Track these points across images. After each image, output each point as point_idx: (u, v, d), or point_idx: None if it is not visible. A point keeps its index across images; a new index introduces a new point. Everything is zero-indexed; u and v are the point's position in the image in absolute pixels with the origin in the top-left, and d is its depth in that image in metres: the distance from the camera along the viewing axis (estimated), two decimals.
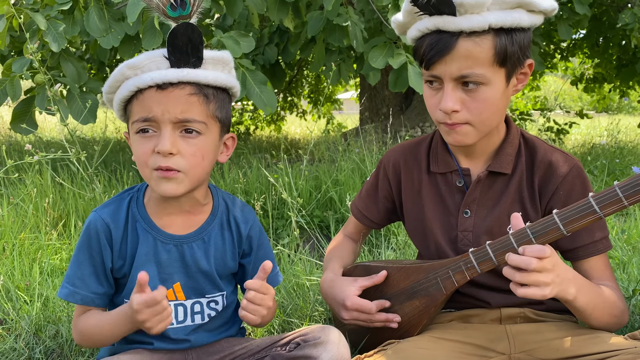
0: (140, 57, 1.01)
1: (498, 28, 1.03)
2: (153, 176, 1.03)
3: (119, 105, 1.07)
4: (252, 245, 1.19)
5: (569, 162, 1.16)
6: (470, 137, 1.12)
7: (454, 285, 1.13)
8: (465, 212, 1.20)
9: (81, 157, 2.21)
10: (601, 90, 8.07)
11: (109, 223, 1.09)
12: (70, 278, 1.09)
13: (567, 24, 4.24)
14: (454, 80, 1.07)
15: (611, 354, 0.99)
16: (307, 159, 2.94)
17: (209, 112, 1.05)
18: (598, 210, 0.94)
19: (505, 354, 1.11)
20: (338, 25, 3.25)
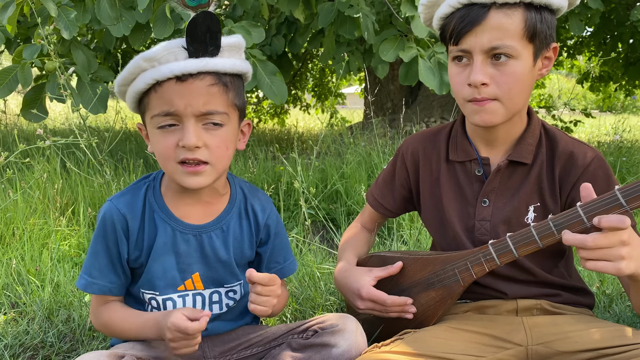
0: (157, 49, 0.97)
1: (528, 3, 1.05)
2: (178, 170, 1.02)
3: (133, 97, 1.03)
4: (270, 234, 1.18)
5: (591, 153, 1.15)
6: (498, 115, 1.10)
7: (472, 277, 1.12)
8: (483, 201, 1.20)
9: (92, 143, 2.20)
10: (607, 89, 8.04)
11: (125, 214, 1.08)
12: (87, 269, 1.09)
13: (578, 19, 4.22)
14: (484, 53, 1.06)
15: (631, 347, 0.98)
16: (317, 151, 2.93)
17: (229, 101, 1.03)
18: (624, 204, 0.92)
19: (522, 346, 1.10)
20: (349, 16, 3.23)
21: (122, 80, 1.03)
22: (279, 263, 1.20)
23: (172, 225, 1.09)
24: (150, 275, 1.09)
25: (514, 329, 1.13)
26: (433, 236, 1.31)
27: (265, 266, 1.19)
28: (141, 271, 1.11)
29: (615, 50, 6.35)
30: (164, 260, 1.09)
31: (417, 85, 6.28)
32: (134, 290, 1.13)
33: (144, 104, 1.03)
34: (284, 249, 1.22)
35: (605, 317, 1.54)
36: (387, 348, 1.05)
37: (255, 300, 1.03)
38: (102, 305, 1.11)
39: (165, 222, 1.09)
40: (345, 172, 3.24)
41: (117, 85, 1.05)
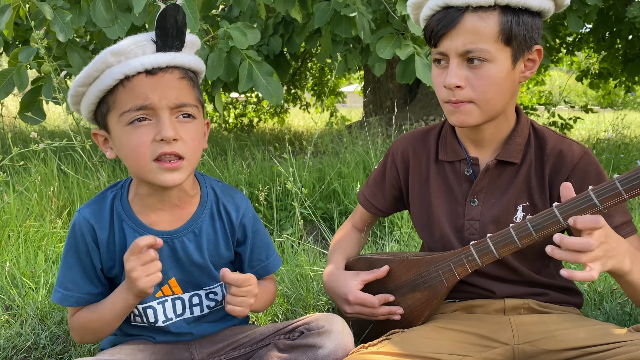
0: (124, 43, 0.94)
1: (504, 5, 1.05)
2: (153, 168, 0.98)
3: (95, 97, 0.99)
4: (247, 233, 1.16)
5: (579, 150, 1.16)
6: (473, 116, 1.11)
7: (455, 277, 1.13)
8: (472, 201, 1.20)
9: (86, 146, 2.21)
10: (606, 85, 8.03)
11: (93, 223, 1.06)
12: (62, 282, 1.07)
13: (576, 16, 4.21)
14: (459, 56, 1.07)
15: (615, 345, 0.99)
16: (311, 151, 2.94)
17: (196, 95, 1.03)
18: (598, 204, 0.93)
19: (508, 345, 1.11)
20: (345, 16, 3.24)
21: (84, 80, 0.98)
22: (261, 261, 1.20)
23: (141, 233, 1.06)
24: None
25: (501, 328, 1.13)
26: (421, 235, 1.31)
27: (248, 265, 1.19)
28: (118, 281, 1.09)
29: (614, 46, 6.34)
30: None
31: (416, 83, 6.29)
32: None
33: (107, 103, 0.99)
34: (265, 246, 1.21)
35: (596, 315, 1.55)
36: (374, 348, 1.06)
37: (230, 301, 1.03)
38: (76, 312, 1.10)
39: (135, 231, 1.07)
40: (343, 172, 3.25)
41: (76, 86, 1.00)
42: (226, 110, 8.09)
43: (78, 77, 0.98)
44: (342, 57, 3.94)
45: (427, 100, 5.97)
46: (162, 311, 1.11)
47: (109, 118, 1.00)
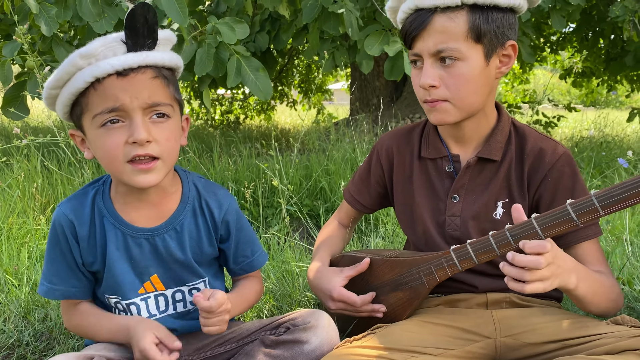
0: (94, 45, 0.94)
1: (472, 4, 1.07)
2: (127, 170, 0.98)
3: (67, 100, 0.98)
4: (230, 229, 1.16)
5: (558, 150, 1.18)
6: (450, 114, 1.13)
7: (435, 280, 1.15)
8: (453, 197, 1.22)
9: (70, 142, 2.19)
10: (589, 84, 8.13)
11: (72, 219, 1.06)
12: (46, 275, 1.08)
13: (560, 15, 4.26)
14: (432, 56, 1.10)
15: (593, 337, 1.01)
16: (297, 148, 2.94)
17: (171, 94, 1.01)
18: (575, 219, 0.94)
19: (491, 338, 1.13)
20: (333, 12, 3.25)
21: (55, 82, 0.97)
22: (246, 257, 1.20)
23: (122, 230, 1.07)
24: (110, 281, 1.09)
25: (483, 322, 1.15)
26: (404, 231, 1.33)
27: (233, 261, 1.19)
28: (100, 277, 1.10)
29: (597, 46, 6.42)
30: (119, 265, 1.08)
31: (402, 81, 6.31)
32: (99, 294, 1.13)
33: (80, 105, 0.98)
34: (250, 242, 1.21)
35: (576, 310, 1.57)
36: (359, 343, 1.07)
37: (206, 324, 1.04)
38: (72, 308, 1.12)
39: (115, 227, 1.07)
40: (330, 169, 3.26)
41: (48, 88, 0.99)
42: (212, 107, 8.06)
43: (49, 80, 0.97)
44: (330, 54, 3.95)
45: (413, 98, 5.99)
46: (145, 308, 1.11)
47: (83, 120, 0.99)
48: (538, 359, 1.07)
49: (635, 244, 2.08)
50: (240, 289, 1.21)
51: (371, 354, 1.02)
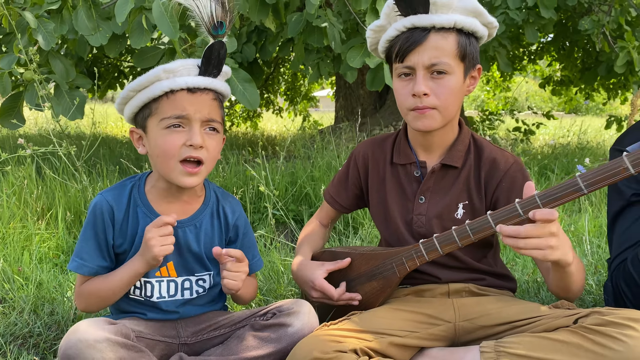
0: (175, 63, 1.19)
1: (459, 28, 1.27)
2: (177, 169, 1.20)
3: (140, 102, 1.21)
4: (238, 234, 1.37)
5: (509, 160, 1.38)
6: (436, 121, 1.30)
7: (406, 270, 1.32)
8: (420, 198, 1.39)
9: (71, 151, 2.34)
10: (568, 92, 8.39)
11: (112, 205, 1.26)
12: (78, 252, 1.25)
13: (533, 28, 4.47)
14: (425, 68, 1.27)
15: (536, 319, 1.19)
16: (283, 156, 3.09)
17: (221, 114, 1.26)
18: (522, 214, 1.13)
19: (451, 322, 1.29)
20: (317, 26, 3.41)
21: (136, 86, 1.21)
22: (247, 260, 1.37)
23: (152, 218, 1.25)
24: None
25: (444, 308, 1.32)
26: (378, 228, 1.50)
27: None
28: (124, 257, 1.27)
29: (573, 55, 6.67)
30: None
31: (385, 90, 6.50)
32: None
33: (150, 109, 1.21)
34: (252, 247, 1.41)
35: (533, 300, 1.75)
36: (336, 326, 1.23)
37: (227, 276, 1.22)
38: (84, 282, 1.27)
39: (147, 216, 1.27)
40: (314, 175, 3.42)
41: (128, 90, 1.22)
42: None
43: (132, 83, 1.21)
44: (315, 65, 4.11)
45: (395, 106, 6.17)
46: (157, 289, 1.28)
47: (150, 120, 1.22)
48: (490, 339, 1.23)
49: (595, 243, 2.27)
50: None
51: (344, 334, 1.18)
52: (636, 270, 1.26)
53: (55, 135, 2.66)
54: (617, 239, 1.35)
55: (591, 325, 1.05)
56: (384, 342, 1.20)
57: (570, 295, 1.27)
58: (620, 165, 1.06)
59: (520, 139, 6.41)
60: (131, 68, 6.36)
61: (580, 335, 1.05)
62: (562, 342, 1.06)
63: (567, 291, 1.25)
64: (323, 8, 3.47)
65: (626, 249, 1.32)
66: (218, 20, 1.19)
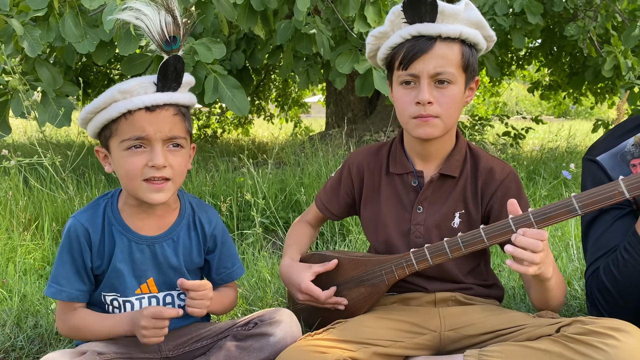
0: (130, 83, 1.16)
1: (463, 39, 1.27)
2: (142, 187, 1.18)
3: (100, 124, 1.19)
4: (217, 243, 1.36)
5: (506, 170, 1.39)
6: (438, 129, 1.31)
7: (395, 278, 1.33)
8: (418, 208, 1.39)
9: (56, 162, 2.32)
10: (556, 97, 8.46)
11: (87, 227, 1.24)
12: (55, 278, 1.23)
13: (520, 34, 4.51)
14: (430, 77, 1.27)
15: (519, 327, 1.19)
16: (272, 163, 3.09)
17: (186, 128, 1.23)
18: (514, 230, 1.16)
19: (436, 332, 1.29)
20: (306, 33, 3.42)
21: (93, 109, 1.18)
22: (227, 268, 1.39)
23: (128, 237, 1.25)
24: (111, 280, 1.26)
25: (430, 317, 1.32)
26: (369, 237, 1.50)
27: (215, 271, 1.37)
28: (101, 278, 1.26)
29: (561, 60, 6.74)
30: (122, 267, 1.25)
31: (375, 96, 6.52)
32: (95, 294, 1.28)
33: (110, 129, 1.19)
34: (231, 256, 1.40)
35: (519, 307, 1.76)
36: (319, 336, 1.23)
37: (190, 304, 1.22)
38: (69, 311, 1.26)
39: (122, 234, 1.25)
40: (304, 182, 3.41)
41: (85, 112, 1.20)
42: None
43: (88, 106, 1.19)
44: (304, 72, 4.12)
45: (386, 112, 6.20)
46: (139, 306, 1.27)
47: (111, 141, 1.20)
48: (475, 348, 1.23)
49: (581, 248, 2.27)
50: (219, 293, 1.38)
51: (328, 344, 1.18)
52: (608, 279, 1.27)
53: (42, 145, 2.64)
54: (591, 248, 1.36)
55: (573, 334, 1.06)
56: (368, 352, 1.20)
57: (551, 307, 1.29)
58: (615, 189, 1.08)
59: (509, 144, 6.45)
60: (121, 76, 6.34)
61: (562, 344, 1.05)
62: (544, 350, 1.07)
63: (547, 305, 1.28)
64: (311, 15, 3.48)
65: (599, 257, 1.33)
66: (170, 35, 1.15)
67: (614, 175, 1.33)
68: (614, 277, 1.26)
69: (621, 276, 1.25)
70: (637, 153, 1.33)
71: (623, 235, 1.30)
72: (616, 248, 1.29)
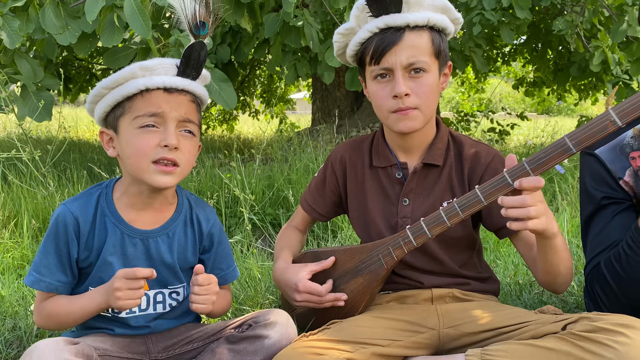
0: (153, 61, 1.14)
1: (432, 25, 1.24)
2: (150, 168, 1.13)
3: (113, 100, 1.15)
4: (213, 242, 1.30)
5: (491, 153, 1.35)
6: (418, 121, 1.27)
7: (393, 260, 1.27)
8: (404, 200, 1.35)
9: (35, 156, 2.23)
10: (541, 93, 8.51)
11: (77, 216, 1.17)
12: (37, 266, 1.17)
13: (508, 28, 4.50)
14: (404, 68, 1.23)
15: (522, 325, 1.15)
16: (259, 159, 3.03)
17: (198, 117, 1.20)
18: (511, 182, 1.10)
19: (435, 330, 1.25)
20: (294, 26, 3.36)
21: (109, 84, 1.15)
22: (222, 270, 1.32)
23: (121, 229, 1.19)
24: (99, 274, 1.19)
25: (428, 315, 1.28)
26: (359, 235, 1.45)
27: (209, 272, 1.28)
28: (89, 271, 1.19)
29: (546, 57, 6.76)
30: (112, 260, 1.18)
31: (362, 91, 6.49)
32: (82, 288, 1.21)
33: (123, 107, 1.15)
34: (227, 257, 1.34)
35: (515, 303, 1.73)
36: (315, 337, 1.17)
37: (195, 300, 1.15)
38: (45, 300, 1.19)
39: (115, 226, 1.19)
40: (292, 178, 3.36)
41: (100, 87, 1.16)
42: None
43: (104, 81, 1.15)
44: (292, 66, 4.06)
45: (372, 108, 6.17)
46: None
47: (122, 120, 1.16)
48: (476, 346, 1.19)
49: (574, 242, 2.26)
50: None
51: (324, 345, 1.12)
52: (610, 273, 1.24)
53: (21, 140, 2.55)
54: (591, 243, 1.34)
55: (580, 331, 1.02)
56: (366, 352, 1.15)
57: (559, 279, 1.22)
58: (607, 119, 1.04)
59: (495, 140, 6.46)
60: (103, 70, 6.21)
61: (570, 343, 1.01)
62: (551, 349, 1.02)
63: (556, 274, 1.20)
64: (300, 8, 3.42)
65: (599, 252, 1.30)
66: (200, 20, 1.14)
67: (614, 168, 1.30)
68: (616, 273, 1.23)
69: (624, 272, 1.22)
70: (637, 145, 1.30)
71: (623, 230, 1.27)
72: (617, 243, 1.27)
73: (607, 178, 1.31)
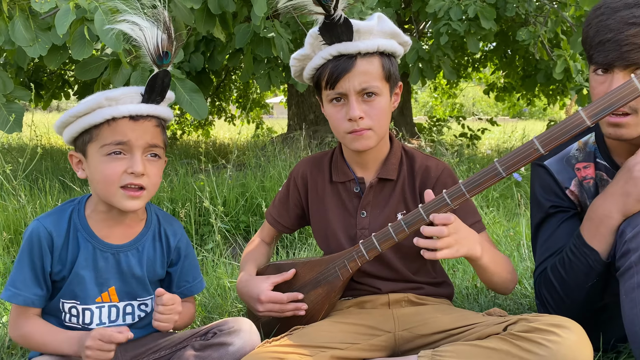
0: (117, 91, 1.20)
1: (382, 51, 1.33)
2: (119, 193, 1.20)
3: (81, 128, 1.20)
4: (180, 255, 1.37)
5: (440, 166, 1.45)
6: (372, 140, 1.36)
7: (348, 272, 1.36)
8: (362, 213, 1.43)
9: (6, 170, 2.25)
10: (511, 98, 8.73)
11: (51, 231, 1.23)
12: (13, 281, 1.22)
13: (475, 38, 4.63)
14: (357, 93, 1.32)
15: (470, 327, 1.24)
16: (230, 168, 3.08)
17: (164, 140, 1.26)
18: (449, 202, 1.22)
19: (391, 332, 1.33)
20: (264, 37, 3.42)
21: (76, 112, 1.20)
22: (188, 282, 1.39)
23: (93, 243, 1.25)
24: (72, 287, 1.25)
25: (384, 319, 1.36)
26: (320, 246, 1.53)
27: (176, 284, 1.37)
28: (62, 284, 1.25)
29: (514, 63, 6.96)
30: (84, 274, 1.24)
31: None
32: (53, 301, 1.26)
33: (91, 134, 1.20)
34: (193, 269, 1.41)
35: (473, 305, 1.82)
36: (277, 343, 1.25)
37: (158, 318, 1.22)
38: (23, 317, 1.24)
39: (87, 241, 1.25)
40: (266, 186, 3.41)
41: (68, 115, 1.21)
42: None
43: (71, 110, 1.21)
44: (265, 75, 4.12)
45: None
46: (98, 315, 1.27)
47: (90, 146, 1.22)
48: (428, 347, 1.28)
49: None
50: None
51: (286, 350, 1.20)
52: (555, 278, 1.34)
53: None
54: (539, 249, 1.43)
55: (518, 332, 1.11)
56: (325, 356, 1.23)
57: (498, 287, 1.36)
58: (531, 148, 1.17)
59: (466, 144, 6.62)
60: (76, 77, 6.17)
61: (509, 342, 1.11)
62: (493, 349, 1.12)
63: (493, 283, 1.34)
64: (270, 19, 3.48)
65: (547, 257, 1.40)
66: (164, 50, 1.19)
67: (561, 178, 1.40)
68: (560, 276, 1.33)
69: (567, 276, 1.31)
70: (581, 157, 1.40)
71: (569, 237, 1.36)
72: (563, 249, 1.36)
73: (555, 188, 1.41)
